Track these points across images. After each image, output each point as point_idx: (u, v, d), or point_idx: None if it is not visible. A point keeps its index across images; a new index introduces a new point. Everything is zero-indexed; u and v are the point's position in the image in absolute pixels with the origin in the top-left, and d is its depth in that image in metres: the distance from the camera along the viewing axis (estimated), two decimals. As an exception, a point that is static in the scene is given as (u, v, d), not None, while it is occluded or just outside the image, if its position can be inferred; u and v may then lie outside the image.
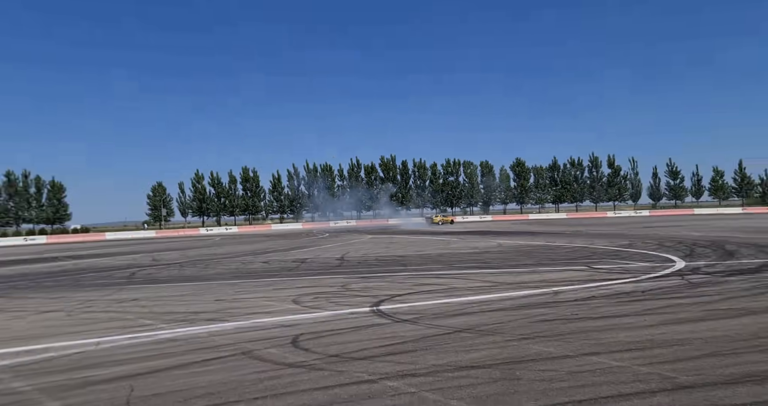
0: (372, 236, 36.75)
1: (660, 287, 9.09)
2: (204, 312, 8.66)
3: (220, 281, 13.95)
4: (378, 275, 13.26)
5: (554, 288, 9.41)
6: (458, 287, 10.26)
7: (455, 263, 15.22)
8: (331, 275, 13.69)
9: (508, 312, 7.35)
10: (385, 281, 11.92)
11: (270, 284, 12.55)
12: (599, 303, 7.75)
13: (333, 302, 9.10)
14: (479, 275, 12.30)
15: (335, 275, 13.41)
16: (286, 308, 8.58)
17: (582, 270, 12.10)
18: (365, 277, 12.77)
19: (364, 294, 9.80)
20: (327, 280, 12.50)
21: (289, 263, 18.46)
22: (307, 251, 24.07)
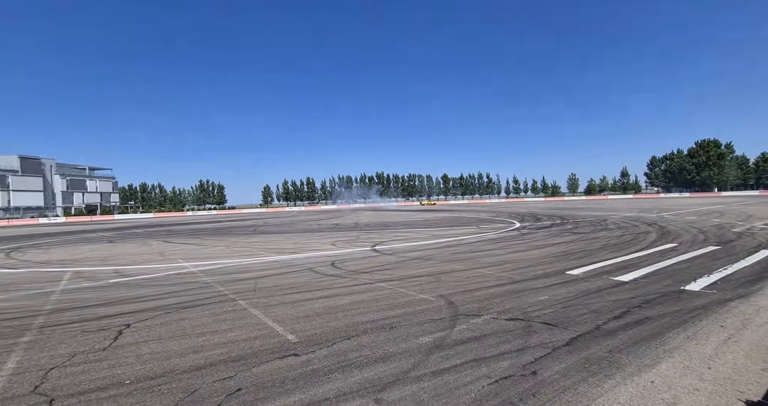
0: (371, 212, 43.33)
1: (509, 236, 13.15)
2: (288, 248, 11.71)
3: (296, 234, 17.95)
4: (375, 231, 17.16)
5: (460, 237, 13.20)
6: (415, 237, 13.80)
7: (413, 226, 19.70)
8: (351, 231, 17.87)
9: (438, 249, 10.10)
10: (378, 234, 15.43)
11: (320, 236, 15.98)
12: (480, 244, 11.18)
13: (352, 244, 12.12)
14: (425, 231, 16.19)
15: (353, 231, 17.70)
16: (328, 247, 11.55)
17: (473, 228, 16.73)
18: (368, 232, 16.77)
19: (368, 241, 12.93)
20: (349, 233, 16.53)
21: (330, 225, 22.81)
22: (338, 219, 28.92)
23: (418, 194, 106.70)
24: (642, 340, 3.44)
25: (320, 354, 3.37)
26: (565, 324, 3.92)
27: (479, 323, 4.05)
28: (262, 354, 3.41)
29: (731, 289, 5.10)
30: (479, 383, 2.74)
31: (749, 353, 3.10)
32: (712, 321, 3.86)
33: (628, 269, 6.63)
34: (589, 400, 2.47)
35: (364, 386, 2.75)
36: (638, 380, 2.71)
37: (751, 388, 2.55)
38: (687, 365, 2.90)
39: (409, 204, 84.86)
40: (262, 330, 4.09)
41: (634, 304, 4.55)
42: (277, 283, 6.61)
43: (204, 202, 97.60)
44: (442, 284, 5.94)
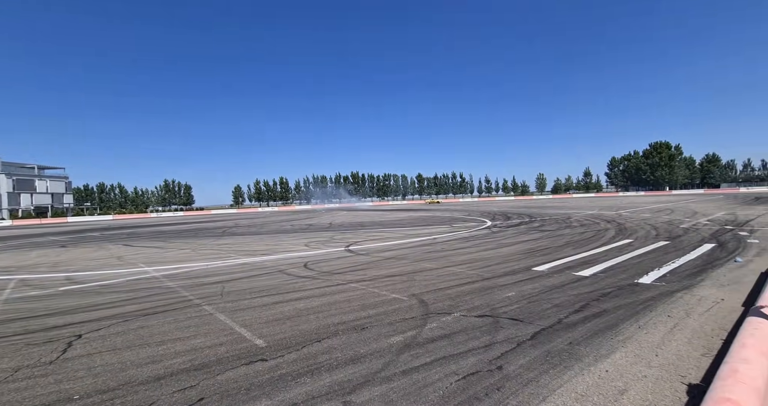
0: (346, 212, 42.93)
1: (480, 234, 13.41)
2: (259, 250, 11.37)
3: (268, 235, 17.50)
4: (349, 231, 16.90)
5: (434, 236, 13.30)
6: (389, 237, 13.79)
7: (388, 225, 19.62)
8: (325, 231, 17.50)
9: (412, 248, 10.23)
10: (352, 234, 15.27)
11: (293, 237, 15.65)
12: (453, 242, 11.33)
13: (325, 245, 11.96)
14: (399, 230, 16.13)
15: (327, 231, 17.31)
16: (301, 248, 11.31)
17: (447, 227, 16.87)
18: (342, 232, 16.46)
19: (342, 241, 12.81)
20: (323, 234, 16.16)
21: (303, 226, 22.36)
22: (312, 220, 28.42)
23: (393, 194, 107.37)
24: (599, 332, 3.65)
25: (289, 358, 3.30)
26: (530, 319, 4.08)
27: (449, 320, 4.13)
28: (227, 361, 3.29)
29: (677, 281, 5.53)
30: (447, 380, 2.80)
31: (691, 340, 3.37)
32: (660, 312, 4.17)
33: (588, 264, 7.01)
34: (549, 391, 2.58)
35: (333, 389, 2.73)
36: (594, 369, 2.87)
37: (691, 372, 2.77)
38: (637, 354, 3.11)
39: (384, 204, 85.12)
40: (229, 336, 3.94)
41: (592, 297, 4.82)
42: (246, 286, 6.40)
43: (169, 203, 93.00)
44: (414, 283, 6.00)
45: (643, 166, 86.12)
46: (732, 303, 4.37)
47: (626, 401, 2.42)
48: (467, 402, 2.48)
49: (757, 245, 8.46)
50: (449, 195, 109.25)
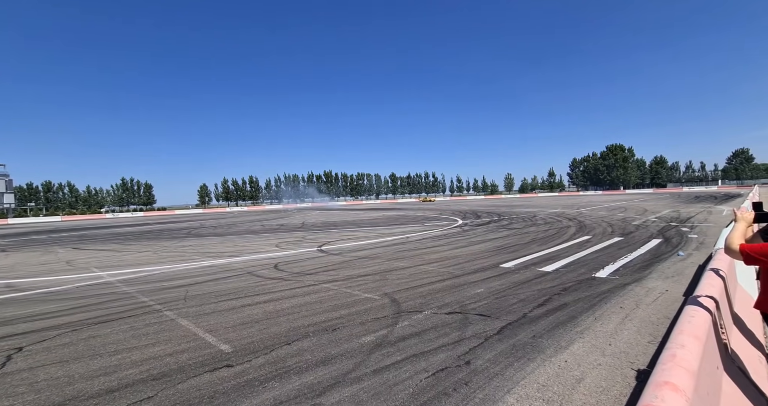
0: (319, 211, 42.30)
1: (452, 233, 13.59)
2: (227, 252, 10.92)
3: (236, 236, 17.00)
4: (322, 231, 16.52)
5: (407, 235, 13.34)
6: (362, 236, 13.58)
7: (360, 225, 19.40)
8: (297, 231, 17.08)
9: (385, 247, 10.23)
10: (325, 234, 14.96)
11: (263, 237, 15.16)
12: (425, 241, 11.44)
13: (297, 245, 11.71)
14: (372, 230, 15.97)
15: (299, 232, 16.86)
16: (271, 249, 10.98)
17: (419, 226, 17.01)
18: (315, 232, 16.10)
19: (314, 241, 12.60)
20: (294, 234, 15.77)
21: (274, 226, 21.74)
22: (284, 220, 27.70)
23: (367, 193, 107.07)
24: (560, 324, 3.86)
25: (257, 363, 3.20)
26: (497, 314, 4.23)
27: (420, 318, 4.19)
28: (189, 369, 3.13)
29: (629, 274, 5.96)
30: (418, 377, 2.83)
31: (640, 329, 3.65)
32: (614, 303, 4.47)
33: (552, 260, 7.39)
34: (513, 383, 2.69)
35: (303, 393, 2.68)
36: (555, 360, 3.03)
37: (639, 358, 3.00)
38: (593, 344, 3.32)
39: (357, 203, 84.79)
40: (192, 342, 3.75)
41: (554, 292, 5.08)
42: (212, 289, 6.13)
43: (128, 203, 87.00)
44: (387, 283, 6.03)
45: (601, 167, 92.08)
46: (675, 293, 4.78)
47: (583, 389, 2.57)
48: (436, 398, 2.53)
49: (696, 239, 9.30)
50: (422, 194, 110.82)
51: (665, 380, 1.30)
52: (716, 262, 3.15)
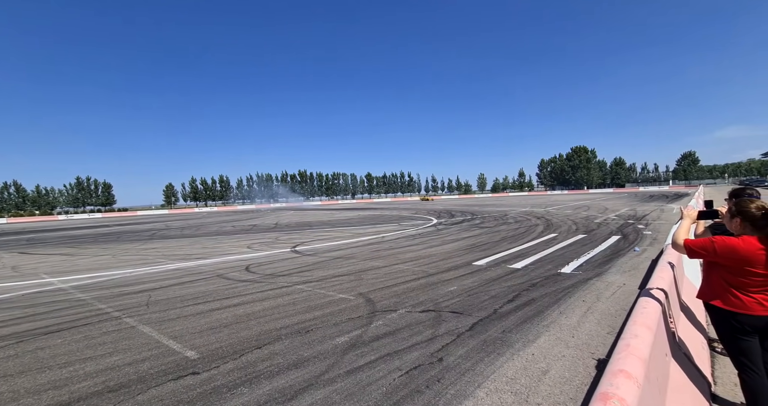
0: (293, 211, 41.28)
1: (426, 232, 13.74)
2: (195, 254, 10.45)
3: (205, 237, 16.35)
4: (296, 231, 16.19)
5: (382, 235, 13.32)
6: (337, 236, 13.39)
7: (336, 225, 19.09)
8: (270, 232, 16.59)
9: (360, 247, 10.22)
10: (299, 234, 14.70)
11: (235, 238, 14.67)
12: (401, 240, 11.51)
13: (270, 246, 11.44)
14: (348, 230, 15.81)
15: (272, 232, 16.40)
16: (243, 251, 10.63)
17: (395, 225, 17.06)
18: (289, 233, 15.71)
19: (288, 242, 12.34)
20: (267, 235, 15.34)
21: (246, 226, 21.13)
22: (256, 220, 26.98)
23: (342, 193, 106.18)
24: (528, 319, 4.01)
25: (225, 369, 3.08)
26: (470, 311, 4.33)
27: (395, 317, 4.21)
28: (151, 378, 2.96)
29: (591, 269, 6.31)
30: (391, 376, 2.84)
31: (600, 320, 3.87)
32: (577, 297, 4.71)
33: (521, 257, 7.67)
34: (484, 378, 2.77)
35: (274, 397, 2.61)
36: (523, 354, 3.15)
37: (599, 349, 3.18)
38: (558, 337, 3.48)
39: (332, 203, 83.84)
40: (154, 350, 3.55)
41: (523, 288, 5.28)
42: (177, 294, 5.84)
43: (83, 203, 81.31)
44: (362, 283, 6.01)
45: (566, 168, 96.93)
46: (631, 287, 5.12)
47: (548, 380, 2.69)
48: (409, 396, 2.55)
49: (650, 236, 10.02)
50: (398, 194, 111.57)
51: (620, 369, 1.39)
52: (666, 256, 3.40)
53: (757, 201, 1.97)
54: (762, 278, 1.89)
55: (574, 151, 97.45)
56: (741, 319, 1.95)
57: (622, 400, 1.18)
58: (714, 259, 2.01)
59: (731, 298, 1.98)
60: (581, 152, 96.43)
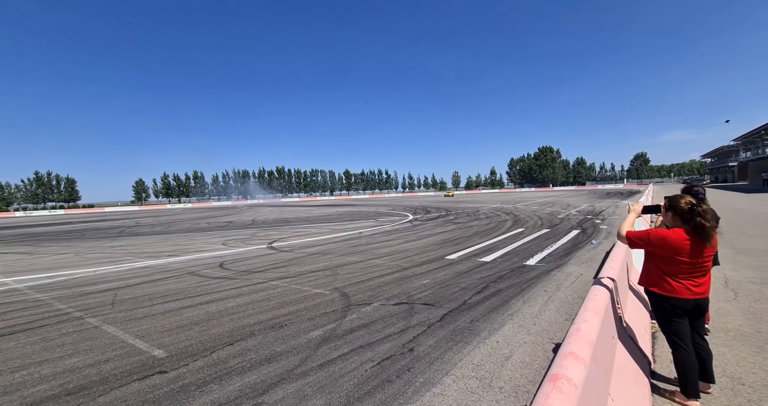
0: (270, 208, 39.88)
1: (402, 227, 13.84)
2: (165, 252, 9.95)
3: (177, 234, 15.52)
4: (273, 228, 15.78)
5: (359, 230, 13.25)
6: (315, 232, 13.20)
7: (314, 221, 18.78)
8: (246, 228, 16.04)
9: (337, 243, 10.16)
10: (276, 231, 14.39)
11: (209, 235, 14.14)
12: (377, 236, 11.50)
13: (246, 243, 11.09)
14: (326, 226, 15.70)
15: (248, 229, 15.90)
16: (217, 248, 10.27)
17: (372, 222, 17.00)
18: (266, 229, 15.29)
19: (264, 238, 12.05)
20: (243, 231, 14.89)
21: (222, 223, 20.40)
22: (232, 216, 26.11)
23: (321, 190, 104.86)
24: (494, 309, 4.15)
25: (194, 366, 2.97)
26: (441, 303, 4.41)
27: (369, 310, 4.22)
28: (114, 379, 2.80)
29: (553, 261, 6.61)
30: (363, 367, 2.85)
31: (559, 308, 4.07)
32: (539, 288, 4.93)
33: (490, 251, 7.91)
34: (451, 366, 2.83)
35: (245, 393, 2.54)
36: (488, 342, 3.25)
37: (558, 335, 3.35)
38: (521, 324, 3.63)
39: (311, 199, 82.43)
40: (119, 350, 3.36)
41: (491, 279, 5.45)
42: (146, 292, 5.55)
43: (44, 199, 75.63)
44: (338, 278, 5.97)
45: (534, 167, 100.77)
46: (587, 277, 5.41)
47: (510, 365, 2.80)
48: (380, 386, 2.57)
49: (606, 230, 10.63)
50: (375, 191, 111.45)
51: (570, 351, 1.46)
52: (617, 248, 3.62)
53: (686, 197, 2.13)
54: (688, 266, 2.07)
55: (541, 151, 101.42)
56: (673, 302, 2.12)
57: (570, 380, 1.25)
58: (650, 249, 2.17)
59: (665, 284, 2.14)
60: (547, 152, 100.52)
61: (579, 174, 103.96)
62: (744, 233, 8.53)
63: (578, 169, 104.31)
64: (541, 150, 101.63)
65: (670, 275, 2.12)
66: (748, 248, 6.90)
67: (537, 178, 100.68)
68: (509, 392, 2.41)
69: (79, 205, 78.24)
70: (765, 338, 3.09)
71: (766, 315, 3.58)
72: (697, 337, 2.23)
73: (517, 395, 2.37)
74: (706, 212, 2.02)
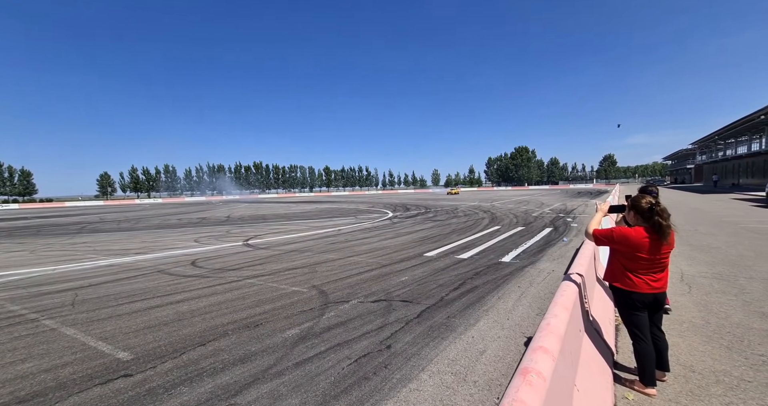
0: (247, 204, 39.02)
1: (382, 225, 13.77)
2: (132, 249, 9.46)
3: (146, 231, 14.74)
4: (249, 225, 15.36)
5: (339, 228, 13.14)
6: (293, 229, 12.96)
7: (292, 218, 18.50)
8: (221, 225, 15.55)
9: (316, 240, 10.05)
10: (253, 228, 14.03)
11: (180, 232, 13.55)
12: (357, 233, 11.40)
13: (220, 240, 10.76)
14: (304, 223, 15.45)
15: (223, 225, 15.40)
16: (189, 245, 9.88)
17: (351, 219, 16.89)
18: (241, 226, 14.86)
19: (240, 235, 11.72)
20: (217, 228, 14.37)
21: (195, 219, 19.57)
22: (206, 213, 25.12)
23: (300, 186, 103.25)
24: (471, 304, 4.24)
25: (163, 369, 2.84)
26: (419, 299, 4.46)
27: (347, 308, 4.20)
28: (72, 384, 2.64)
29: (527, 258, 6.85)
30: (340, 365, 2.84)
31: (531, 303, 4.22)
32: (513, 284, 5.09)
33: (468, 248, 8.08)
34: (428, 361, 2.88)
35: (217, 394, 2.47)
36: (464, 337, 3.32)
37: (530, 329, 3.47)
38: (495, 320, 3.74)
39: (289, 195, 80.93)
40: (79, 353, 3.16)
41: (468, 276, 5.57)
42: (110, 292, 5.25)
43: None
44: (316, 275, 5.90)
45: (510, 166, 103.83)
46: (558, 273, 5.65)
47: (485, 359, 2.88)
48: (357, 383, 2.57)
49: (577, 228, 11.13)
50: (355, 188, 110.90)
51: (540, 345, 1.52)
52: (585, 245, 3.80)
53: (647, 197, 2.26)
54: (647, 262, 2.20)
55: (518, 151, 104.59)
56: (634, 297, 2.25)
57: (539, 373, 1.29)
58: (613, 246, 2.30)
59: (626, 279, 2.27)
60: (523, 152, 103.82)
61: (553, 174, 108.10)
62: (698, 231, 9.19)
63: (552, 169, 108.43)
64: (517, 150, 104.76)
65: (631, 270, 2.25)
66: (702, 244, 7.44)
67: (513, 177, 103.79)
68: (483, 386, 2.48)
69: (35, 199, 72.89)
70: (714, 328, 3.35)
71: (715, 307, 3.88)
72: (655, 329, 2.38)
73: (491, 389, 2.44)
74: (663, 211, 2.15)
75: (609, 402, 2.13)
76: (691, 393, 2.31)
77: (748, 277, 4.99)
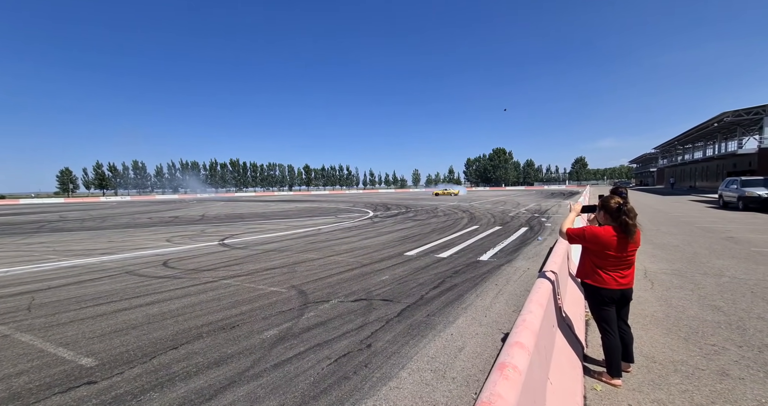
0: (223, 202, 37.85)
1: (363, 224, 13.71)
2: (98, 249, 8.93)
3: (112, 230, 13.95)
4: (225, 224, 14.89)
5: (319, 227, 13.01)
6: (271, 229, 12.71)
7: (271, 217, 18.07)
8: (195, 224, 14.96)
9: (295, 240, 9.92)
10: (229, 227, 13.60)
11: (150, 231, 12.93)
12: (337, 232, 11.31)
13: (194, 239, 10.37)
14: (283, 222, 15.13)
15: (197, 225, 14.82)
16: (160, 245, 9.46)
17: (332, 218, 16.79)
18: (217, 225, 14.38)
19: (215, 234, 11.36)
20: (191, 227, 13.82)
21: (167, 218, 18.76)
22: (179, 211, 24.16)
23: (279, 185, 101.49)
24: (450, 303, 4.32)
25: (130, 374, 2.71)
26: (399, 298, 4.49)
27: (327, 308, 4.16)
28: (29, 394, 2.46)
29: (504, 256, 7.05)
30: (320, 365, 2.81)
31: (508, 301, 4.35)
32: (491, 282, 5.23)
33: (447, 247, 8.21)
34: (407, 359, 2.90)
35: (190, 399, 2.38)
36: (443, 335, 3.38)
37: (506, 325, 3.58)
38: (474, 317, 3.82)
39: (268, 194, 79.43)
40: (36, 361, 2.96)
41: (447, 275, 5.66)
42: (72, 294, 4.94)
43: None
44: (295, 275, 5.80)
45: (489, 167, 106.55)
46: (534, 271, 5.86)
47: (463, 356, 2.94)
48: (336, 383, 2.55)
49: (550, 227, 11.58)
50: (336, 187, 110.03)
51: (516, 341, 1.57)
52: (559, 243, 3.96)
53: (616, 197, 2.39)
54: (615, 259, 2.33)
55: (495, 153, 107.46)
56: (603, 292, 2.38)
57: (515, 367, 1.33)
58: (585, 244, 2.42)
59: (596, 276, 2.40)
60: (501, 154, 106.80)
61: (528, 175, 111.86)
62: (660, 231, 9.80)
63: (528, 171, 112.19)
64: (495, 151, 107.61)
65: (601, 267, 2.37)
66: (663, 243, 7.94)
67: (491, 178, 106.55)
68: (461, 382, 2.53)
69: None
70: (673, 321, 3.59)
71: (674, 302, 4.15)
72: (621, 323, 2.51)
73: (468, 385, 2.50)
74: (630, 211, 2.28)
75: (579, 394, 2.23)
76: (653, 382, 2.47)
77: (702, 273, 5.38)
